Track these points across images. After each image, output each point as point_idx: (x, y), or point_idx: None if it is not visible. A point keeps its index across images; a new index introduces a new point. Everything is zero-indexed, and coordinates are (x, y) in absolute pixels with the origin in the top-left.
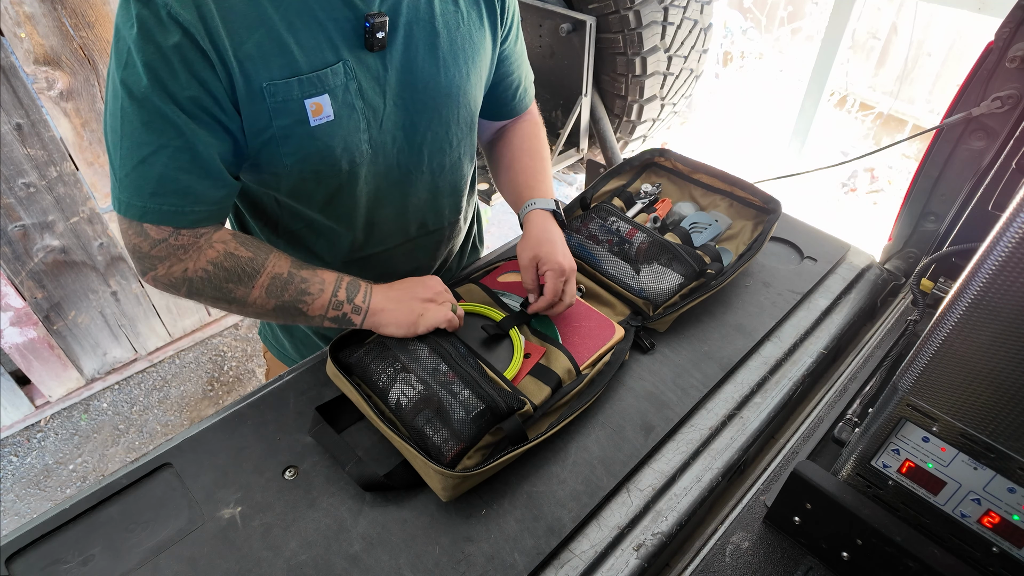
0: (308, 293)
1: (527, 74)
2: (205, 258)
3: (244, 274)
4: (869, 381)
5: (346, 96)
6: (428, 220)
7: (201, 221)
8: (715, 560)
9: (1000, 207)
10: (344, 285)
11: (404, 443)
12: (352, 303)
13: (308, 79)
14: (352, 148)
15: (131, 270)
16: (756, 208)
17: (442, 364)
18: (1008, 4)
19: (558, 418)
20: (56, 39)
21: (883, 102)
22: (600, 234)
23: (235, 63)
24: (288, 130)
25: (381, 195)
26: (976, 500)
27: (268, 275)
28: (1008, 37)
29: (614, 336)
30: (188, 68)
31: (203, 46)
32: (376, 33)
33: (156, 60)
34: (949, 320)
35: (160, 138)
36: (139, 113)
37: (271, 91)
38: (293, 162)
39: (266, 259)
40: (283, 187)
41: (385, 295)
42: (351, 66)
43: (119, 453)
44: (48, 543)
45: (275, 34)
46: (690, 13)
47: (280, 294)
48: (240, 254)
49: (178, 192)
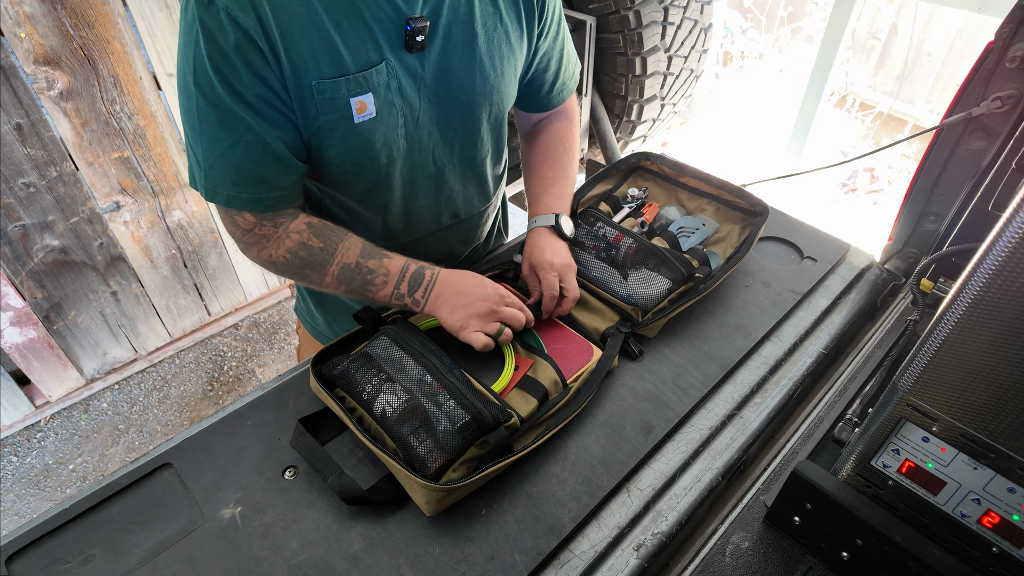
0: (373, 284)
1: (567, 68)
2: (284, 247)
3: (317, 263)
4: (869, 381)
5: (387, 94)
6: (460, 210)
7: (278, 204)
8: (715, 560)
9: (1000, 207)
10: (408, 277)
11: (387, 457)
12: (412, 296)
13: (354, 79)
14: (391, 143)
15: (131, 270)
16: (743, 211)
17: (427, 375)
18: (1008, 4)
19: (544, 429)
20: (56, 39)
21: (883, 102)
22: (587, 240)
23: (287, 62)
24: (333, 125)
25: (416, 187)
26: (976, 500)
27: (338, 264)
28: (1008, 37)
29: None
30: (250, 67)
31: (261, 46)
32: (416, 36)
33: (221, 62)
34: (949, 320)
35: (234, 134)
36: (213, 112)
37: (320, 88)
38: (336, 154)
39: (336, 249)
40: (326, 177)
41: (443, 296)
42: (392, 65)
43: (119, 453)
44: (48, 543)
45: (324, 35)
46: (690, 13)
47: (349, 282)
48: (313, 244)
49: (255, 181)
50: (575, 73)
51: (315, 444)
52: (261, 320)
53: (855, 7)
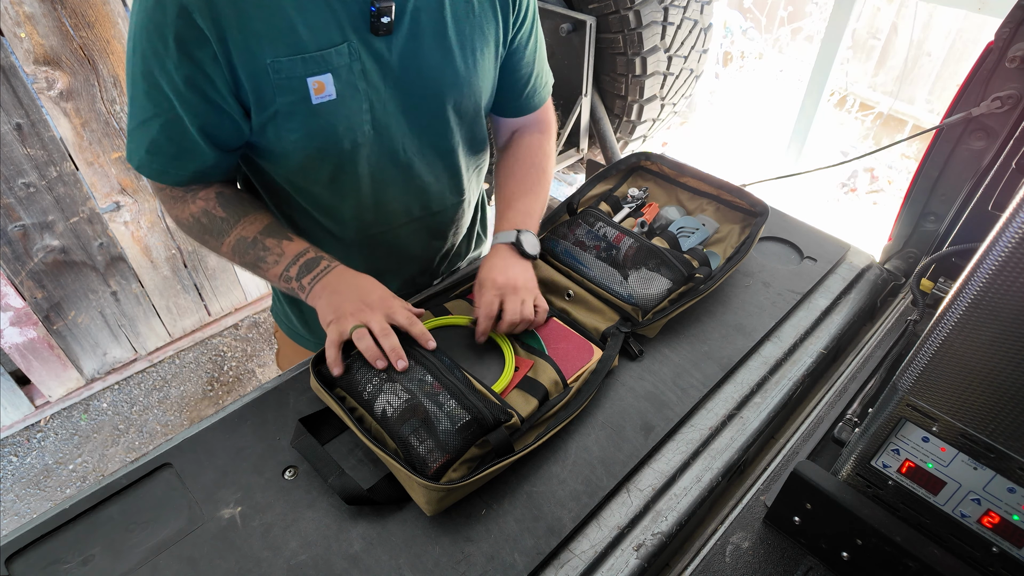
0: (264, 261)
1: (541, 73)
2: (188, 211)
3: (216, 231)
4: (869, 381)
5: (349, 76)
6: (431, 202)
7: (185, 183)
8: (715, 560)
9: (1000, 207)
10: (302, 261)
11: (388, 456)
12: (299, 281)
13: (312, 57)
14: (355, 128)
15: (131, 270)
16: (743, 211)
17: (427, 375)
18: (1008, 4)
19: (545, 429)
20: (56, 39)
21: (883, 102)
22: (587, 240)
23: (239, 39)
24: (292, 107)
25: (384, 175)
26: (976, 500)
27: (236, 236)
28: (1008, 37)
29: (592, 359)
30: (182, 47)
31: (201, 24)
32: (381, 18)
33: (156, 37)
34: (949, 320)
35: (156, 108)
36: (142, 82)
37: (275, 67)
38: (298, 138)
39: (238, 222)
40: (291, 164)
41: (328, 288)
42: (356, 47)
43: (119, 453)
44: (48, 543)
45: (284, 13)
46: (690, 13)
47: (243, 254)
48: (216, 213)
49: (168, 156)
50: (548, 82)
51: (315, 444)
52: (261, 320)
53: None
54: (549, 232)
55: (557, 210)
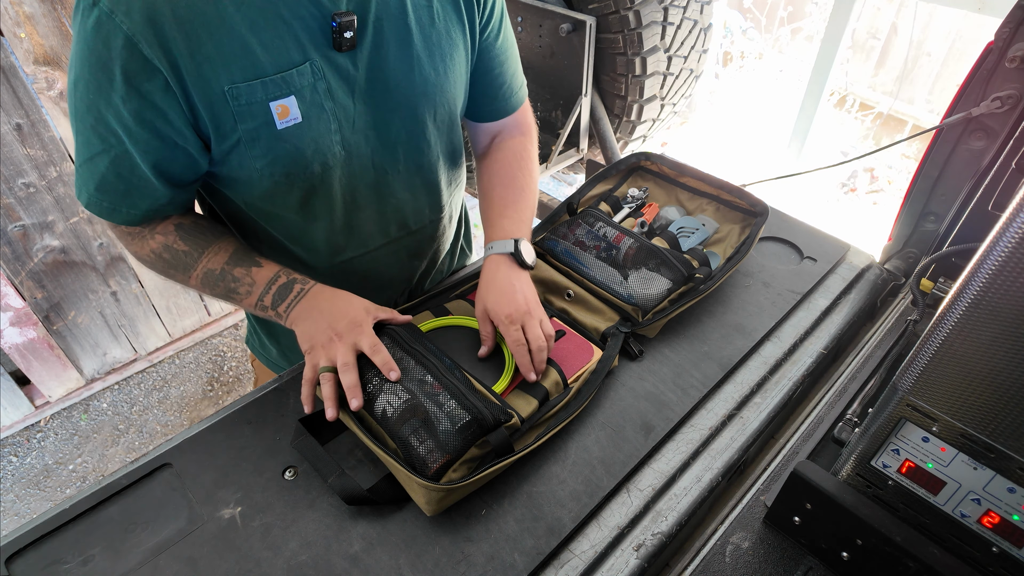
0: (237, 292)
1: (515, 74)
2: (148, 247)
3: (181, 266)
4: (869, 381)
5: (314, 97)
6: (409, 220)
7: (138, 221)
8: (715, 560)
9: (1000, 207)
10: (274, 289)
11: (388, 456)
12: (275, 310)
13: (272, 81)
14: (324, 150)
15: (131, 270)
16: (743, 211)
17: (428, 376)
18: (1008, 4)
19: (545, 429)
20: (56, 39)
21: (883, 102)
22: (587, 240)
23: (191, 67)
24: (255, 133)
25: (358, 196)
26: (976, 500)
27: (202, 269)
28: (1008, 37)
29: (592, 359)
30: (129, 81)
31: (147, 54)
32: (344, 32)
33: (98, 69)
34: (949, 320)
35: (104, 143)
36: (87, 115)
37: (233, 94)
38: (263, 165)
39: (202, 254)
40: (257, 192)
41: (305, 312)
42: (319, 66)
43: (119, 453)
44: (48, 543)
45: (237, 35)
46: (690, 13)
47: (213, 287)
48: (178, 247)
49: (118, 193)
50: (523, 83)
51: (315, 444)
52: None
53: (855, 7)
54: (549, 232)
55: (557, 210)
